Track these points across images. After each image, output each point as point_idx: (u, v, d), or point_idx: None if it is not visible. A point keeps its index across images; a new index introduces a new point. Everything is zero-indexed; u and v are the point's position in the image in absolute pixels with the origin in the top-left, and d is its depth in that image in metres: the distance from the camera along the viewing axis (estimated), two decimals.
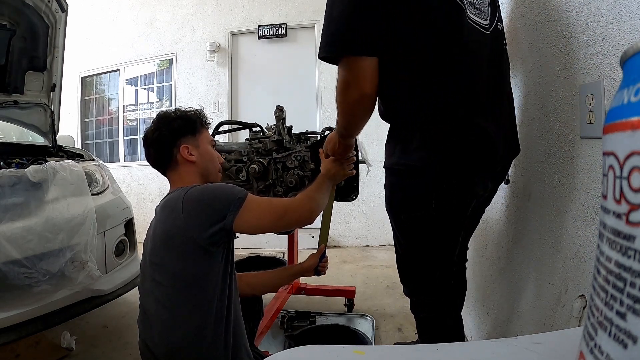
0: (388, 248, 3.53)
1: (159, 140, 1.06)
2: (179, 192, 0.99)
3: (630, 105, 0.19)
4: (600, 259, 0.22)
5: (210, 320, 0.94)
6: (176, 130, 1.07)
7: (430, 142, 0.92)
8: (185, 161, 1.07)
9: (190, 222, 0.93)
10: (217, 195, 0.97)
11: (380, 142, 1.18)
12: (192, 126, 1.10)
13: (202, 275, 0.95)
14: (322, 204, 1.15)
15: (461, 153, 0.92)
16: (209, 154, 1.12)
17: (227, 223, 0.94)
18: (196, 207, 0.95)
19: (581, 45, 0.88)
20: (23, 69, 1.99)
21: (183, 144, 1.07)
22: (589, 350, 0.21)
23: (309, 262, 1.35)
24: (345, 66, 0.87)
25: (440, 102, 0.90)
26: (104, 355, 1.64)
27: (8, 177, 1.37)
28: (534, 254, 1.12)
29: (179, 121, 1.08)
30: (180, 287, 0.94)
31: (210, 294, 0.95)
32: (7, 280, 1.28)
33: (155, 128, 1.08)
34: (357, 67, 0.86)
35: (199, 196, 0.96)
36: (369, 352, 0.37)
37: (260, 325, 1.49)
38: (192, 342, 0.93)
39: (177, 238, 0.94)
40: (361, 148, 1.46)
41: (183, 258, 0.94)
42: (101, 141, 4.59)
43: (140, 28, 4.23)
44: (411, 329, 1.84)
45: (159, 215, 1.01)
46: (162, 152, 1.07)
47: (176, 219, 0.94)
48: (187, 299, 0.94)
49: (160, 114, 1.12)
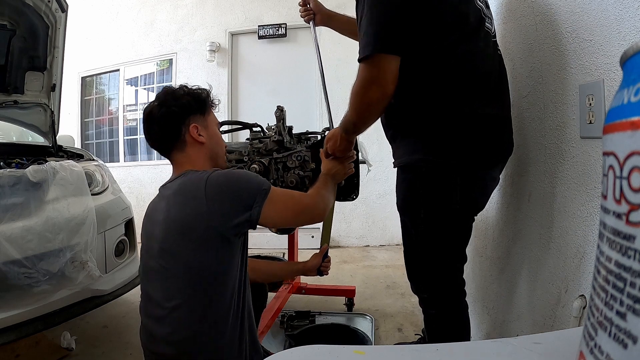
0: (388, 248, 3.53)
1: (167, 116, 0.96)
2: (196, 176, 0.92)
3: (630, 105, 0.19)
4: (600, 259, 0.22)
5: (227, 315, 0.89)
6: (186, 107, 0.98)
7: (454, 136, 0.96)
8: (194, 142, 0.99)
9: (215, 211, 0.87)
10: (243, 184, 0.91)
11: (381, 142, 1.18)
12: (202, 105, 1.02)
13: (223, 270, 0.89)
14: (331, 203, 1.12)
15: (485, 145, 0.99)
16: (217, 136, 1.06)
17: (253, 214, 0.89)
18: (221, 195, 0.88)
19: (581, 45, 0.88)
20: (23, 69, 1.99)
21: (193, 122, 0.98)
22: (589, 350, 0.21)
23: (312, 262, 1.35)
24: (372, 64, 0.90)
25: (463, 97, 0.96)
26: (104, 355, 1.64)
27: (8, 177, 1.37)
28: (534, 254, 1.12)
29: (188, 98, 1.00)
30: (197, 281, 0.87)
31: (230, 288, 0.90)
32: (7, 280, 1.28)
33: (161, 103, 0.98)
34: (385, 66, 0.89)
35: (225, 183, 0.90)
36: (369, 352, 0.37)
37: (261, 325, 1.49)
38: (208, 338, 0.87)
39: (197, 227, 0.87)
40: (361, 148, 1.46)
41: (204, 249, 0.87)
42: (101, 141, 4.60)
43: (140, 28, 4.24)
44: (411, 329, 1.84)
45: (173, 200, 0.92)
46: (168, 129, 0.98)
47: (198, 207, 0.87)
48: (204, 293, 0.87)
49: (166, 88, 1.03)
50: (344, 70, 3.66)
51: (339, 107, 1.23)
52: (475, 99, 0.97)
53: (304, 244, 2.87)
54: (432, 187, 0.99)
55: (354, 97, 0.95)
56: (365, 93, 0.93)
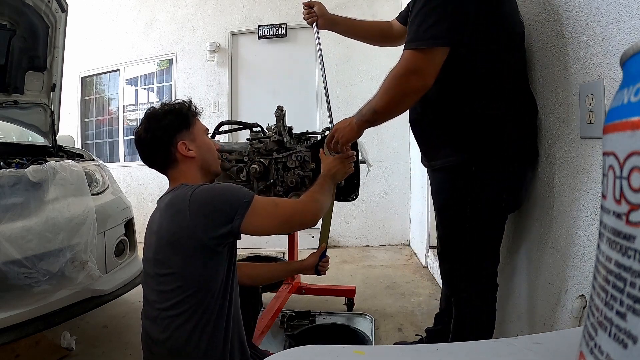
0: (388, 248, 3.53)
1: (154, 141, 1.02)
2: (184, 190, 0.97)
3: (630, 105, 0.19)
4: (600, 259, 0.22)
5: (212, 318, 0.95)
6: (169, 128, 1.02)
7: (500, 135, 1.00)
8: (185, 158, 1.03)
9: (197, 224, 0.92)
10: (225, 198, 0.95)
11: (381, 142, 1.19)
12: (185, 120, 1.05)
13: (208, 277, 0.95)
14: (326, 206, 1.14)
15: (527, 143, 1.05)
16: (206, 144, 1.09)
17: (234, 226, 0.93)
18: (203, 209, 0.93)
19: (581, 45, 0.88)
20: (23, 69, 1.99)
21: (180, 140, 1.02)
22: (589, 350, 0.21)
23: (309, 260, 1.36)
24: (421, 54, 0.90)
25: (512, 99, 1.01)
26: (104, 355, 1.64)
27: (8, 177, 1.37)
28: (534, 254, 1.12)
29: (170, 117, 1.03)
30: (186, 287, 0.93)
31: (215, 294, 0.96)
32: (7, 280, 1.28)
33: (146, 129, 1.03)
34: (434, 59, 0.90)
35: (207, 198, 0.95)
36: (369, 352, 0.37)
37: (261, 325, 1.49)
38: (194, 338, 0.93)
39: (183, 239, 0.93)
40: (361, 148, 1.46)
41: (190, 260, 0.93)
42: (101, 141, 4.59)
43: (140, 28, 4.23)
44: (411, 329, 1.84)
45: (164, 213, 0.98)
46: (158, 153, 1.03)
47: (182, 220, 0.93)
48: (191, 298, 0.94)
49: (147, 112, 1.06)
50: (344, 70, 3.67)
51: (339, 107, 1.23)
52: (522, 101, 1.03)
53: (304, 244, 2.87)
54: (482, 186, 1.01)
55: (392, 80, 0.94)
56: (405, 81, 0.92)
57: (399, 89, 0.94)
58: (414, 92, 0.93)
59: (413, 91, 0.93)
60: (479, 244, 1.07)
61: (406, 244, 3.58)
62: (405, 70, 0.92)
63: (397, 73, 0.93)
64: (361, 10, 3.60)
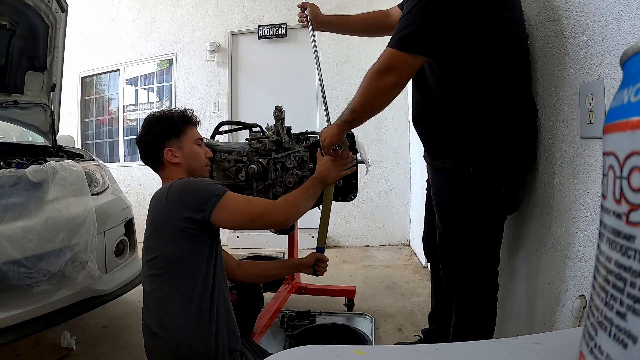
0: (388, 248, 3.54)
1: (146, 145, 1.16)
2: (166, 185, 1.09)
3: (630, 105, 0.19)
4: (600, 259, 0.22)
5: (195, 297, 1.02)
6: (160, 135, 1.15)
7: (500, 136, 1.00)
8: (170, 163, 1.16)
9: (173, 210, 1.03)
10: (198, 190, 1.05)
11: (380, 142, 1.19)
12: (175, 129, 1.16)
13: (186, 256, 1.03)
14: (303, 209, 1.19)
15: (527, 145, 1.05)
16: (193, 153, 1.18)
17: (205, 216, 1.02)
18: (178, 197, 1.04)
19: (581, 45, 0.88)
20: (23, 69, 1.99)
21: (167, 147, 1.14)
22: (589, 350, 0.21)
23: (307, 259, 1.39)
24: (398, 55, 0.92)
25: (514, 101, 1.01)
26: (104, 355, 1.64)
27: (8, 177, 1.37)
28: (534, 254, 1.12)
29: (162, 125, 1.16)
30: (168, 267, 1.03)
31: (195, 272, 1.03)
32: (7, 280, 1.28)
33: (143, 133, 1.17)
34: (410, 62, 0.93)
35: (181, 189, 1.06)
36: (369, 352, 0.37)
37: (260, 324, 1.50)
38: (179, 315, 1.01)
39: (163, 225, 1.04)
40: (360, 148, 1.46)
41: (169, 241, 1.03)
42: (101, 141, 4.59)
43: (140, 28, 4.23)
44: (411, 328, 1.84)
45: (151, 206, 1.11)
46: (149, 155, 1.17)
47: (162, 209, 1.05)
48: (173, 277, 1.02)
49: (147, 117, 1.20)
50: (344, 69, 3.67)
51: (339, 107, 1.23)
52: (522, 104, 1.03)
53: (304, 244, 2.87)
54: (479, 187, 1.02)
55: (369, 76, 0.97)
56: (380, 77, 0.95)
57: (374, 84, 0.96)
58: (387, 89, 0.96)
59: (386, 88, 0.96)
60: (478, 244, 1.07)
61: (406, 244, 3.58)
62: (381, 67, 0.95)
63: (374, 69, 0.96)
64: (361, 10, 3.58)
